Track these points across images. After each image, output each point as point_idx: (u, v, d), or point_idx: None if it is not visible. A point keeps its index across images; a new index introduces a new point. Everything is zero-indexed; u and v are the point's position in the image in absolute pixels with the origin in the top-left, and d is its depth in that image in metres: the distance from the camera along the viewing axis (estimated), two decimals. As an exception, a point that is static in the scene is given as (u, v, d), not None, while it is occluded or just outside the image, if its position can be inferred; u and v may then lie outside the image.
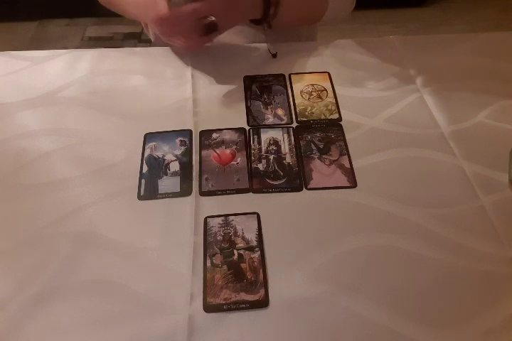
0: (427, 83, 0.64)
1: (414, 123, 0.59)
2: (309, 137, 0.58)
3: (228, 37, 0.70)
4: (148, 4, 0.59)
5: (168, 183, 0.53)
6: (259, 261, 0.46)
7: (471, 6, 2.01)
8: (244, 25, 0.69)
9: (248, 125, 0.60)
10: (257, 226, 0.49)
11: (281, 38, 0.73)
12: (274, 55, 0.69)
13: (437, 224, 0.48)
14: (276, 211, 0.50)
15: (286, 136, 0.58)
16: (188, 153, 0.57)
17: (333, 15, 0.70)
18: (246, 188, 0.53)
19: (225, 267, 0.45)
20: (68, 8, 2.00)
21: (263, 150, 0.57)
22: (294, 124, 0.60)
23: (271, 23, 0.65)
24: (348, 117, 0.60)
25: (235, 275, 0.45)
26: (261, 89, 0.65)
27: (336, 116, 0.61)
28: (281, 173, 0.54)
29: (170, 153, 0.57)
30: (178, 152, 0.57)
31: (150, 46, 0.86)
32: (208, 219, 0.49)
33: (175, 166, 0.55)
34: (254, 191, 0.52)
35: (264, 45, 0.71)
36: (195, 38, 0.61)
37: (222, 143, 0.58)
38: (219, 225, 0.49)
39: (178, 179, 0.54)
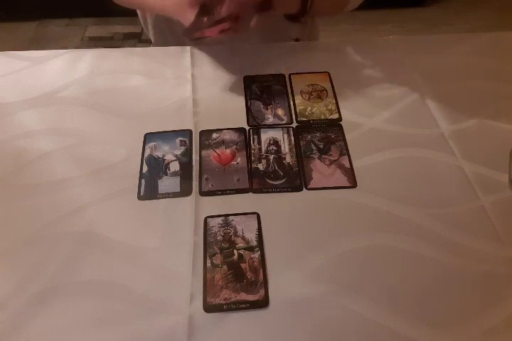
0: (426, 83, 0.64)
1: (414, 123, 0.59)
2: (309, 137, 0.58)
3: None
4: None
5: (168, 183, 0.53)
6: (259, 261, 0.46)
7: (471, 6, 2.01)
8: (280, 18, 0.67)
9: (248, 125, 0.60)
10: (257, 226, 0.49)
11: (282, 38, 0.73)
12: (297, 40, 0.69)
13: (437, 224, 0.48)
14: (276, 211, 0.50)
15: (286, 136, 0.58)
16: (188, 153, 0.57)
17: (355, 2, 0.69)
18: (246, 188, 0.53)
19: (225, 267, 0.45)
20: (68, 8, 1.99)
21: (263, 150, 0.57)
22: (294, 124, 0.60)
23: (306, 15, 0.64)
24: (348, 117, 0.60)
25: (235, 275, 0.45)
26: (261, 89, 0.65)
27: (336, 116, 0.61)
28: (281, 173, 0.54)
29: (170, 153, 0.57)
30: (178, 152, 0.57)
31: (150, 46, 0.86)
32: (208, 219, 0.49)
33: (175, 166, 0.55)
34: (254, 191, 0.52)
35: (263, 46, 0.71)
36: (247, 17, 0.57)
37: (222, 143, 0.58)
38: (219, 225, 0.49)
39: (178, 179, 0.54)
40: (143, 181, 0.53)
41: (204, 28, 0.56)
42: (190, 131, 0.59)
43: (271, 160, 0.56)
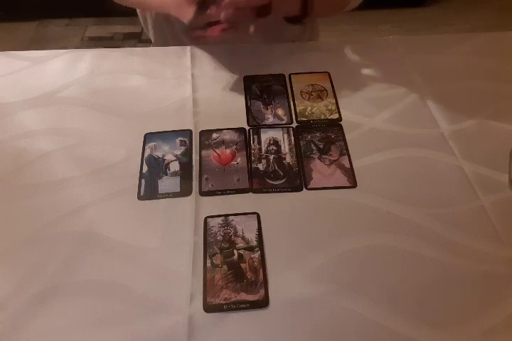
0: (426, 83, 0.64)
1: (414, 123, 0.59)
2: (309, 137, 0.58)
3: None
4: None
5: (168, 183, 0.53)
6: (259, 261, 0.46)
7: (471, 6, 2.01)
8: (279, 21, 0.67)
9: (248, 125, 0.60)
10: (257, 226, 0.49)
11: (282, 38, 0.73)
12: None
13: (437, 224, 0.48)
14: (276, 211, 0.50)
15: (286, 136, 0.58)
16: (188, 153, 0.57)
17: (355, 2, 0.70)
18: (246, 188, 0.53)
19: (225, 267, 0.45)
20: (68, 8, 1.99)
21: (263, 150, 0.57)
22: (294, 124, 0.60)
23: (307, 17, 0.63)
24: (348, 117, 0.60)
25: (235, 275, 0.45)
26: (261, 89, 0.65)
27: (335, 116, 0.61)
28: (281, 173, 0.54)
29: (170, 153, 0.57)
30: (178, 152, 0.57)
31: (150, 46, 0.86)
32: (208, 219, 0.49)
33: (175, 166, 0.55)
34: (254, 191, 0.52)
35: (263, 46, 0.71)
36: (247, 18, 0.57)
37: (222, 143, 0.58)
38: (219, 225, 0.49)
39: (178, 179, 0.54)
40: (143, 181, 0.53)
41: (203, 26, 0.56)
42: (190, 131, 0.59)
43: (271, 160, 0.55)
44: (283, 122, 0.60)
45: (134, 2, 0.73)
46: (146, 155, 0.56)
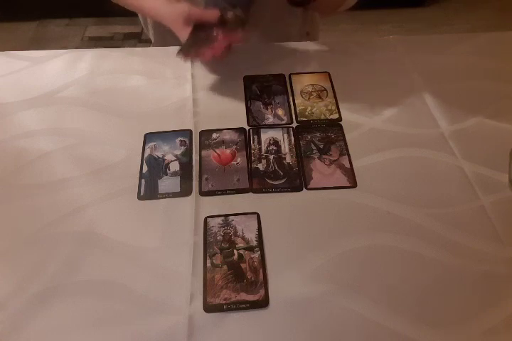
0: (426, 83, 0.64)
1: (414, 123, 0.59)
2: (309, 137, 0.58)
3: None
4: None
5: (168, 183, 0.53)
6: (259, 261, 0.46)
7: (471, 6, 2.01)
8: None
9: (248, 125, 0.60)
10: (257, 226, 0.49)
11: (283, 38, 0.73)
12: (307, 34, 0.74)
13: (437, 224, 0.48)
14: (276, 211, 0.50)
15: (286, 136, 0.58)
16: (188, 153, 0.57)
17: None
18: (246, 188, 0.53)
19: (225, 267, 0.45)
20: (68, 8, 1.99)
21: (263, 150, 0.57)
22: (294, 124, 0.60)
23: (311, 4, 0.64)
24: (348, 117, 0.60)
25: (235, 275, 0.45)
26: (261, 89, 0.65)
27: (336, 116, 0.61)
28: (281, 173, 0.54)
29: (170, 153, 0.57)
30: (178, 152, 0.57)
31: (150, 46, 0.86)
32: (208, 219, 0.49)
33: (175, 166, 0.55)
34: (254, 191, 0.52)
35: (263, 46, 0.71)
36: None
37: (222, 143, 0.58)
38: (219, 225, 0.49)
39: (178, 179, 0.54)
40: (143, 181, 0.53)
41: (199, 48, 0.57)
42: (190, 131, 0.59)
43: (271, 160, 0.55)
44: (283, 122, 0.60)
45: (130, 5, 0.73)
46: (146, 155, 0.56)
